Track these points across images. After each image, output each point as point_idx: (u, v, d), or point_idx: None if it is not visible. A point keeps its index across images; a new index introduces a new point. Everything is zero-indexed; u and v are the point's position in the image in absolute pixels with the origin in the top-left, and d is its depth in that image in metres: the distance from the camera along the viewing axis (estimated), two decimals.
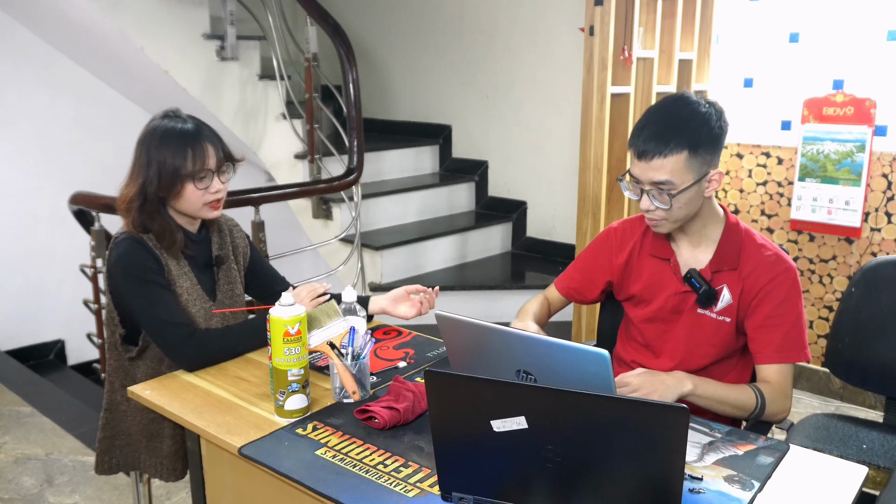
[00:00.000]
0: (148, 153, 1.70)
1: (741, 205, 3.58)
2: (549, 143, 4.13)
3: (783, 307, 1.57)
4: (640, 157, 1.51)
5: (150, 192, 1.70)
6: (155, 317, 1.67)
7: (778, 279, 1.57)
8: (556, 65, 3.99)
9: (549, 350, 1.28)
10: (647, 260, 1.72)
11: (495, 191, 4.51)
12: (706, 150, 1.51)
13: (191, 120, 1.76)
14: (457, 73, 4.48)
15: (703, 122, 1.51)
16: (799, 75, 3.28)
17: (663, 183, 1.51)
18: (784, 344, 1.57)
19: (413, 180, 4.47)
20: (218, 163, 1.74)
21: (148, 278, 1.68)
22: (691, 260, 1.66)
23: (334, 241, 3.72)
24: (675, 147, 1.48)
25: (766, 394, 1.53)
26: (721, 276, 1.62)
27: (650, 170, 1.50)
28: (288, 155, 3.95)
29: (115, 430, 1.85)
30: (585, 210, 2.92)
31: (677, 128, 1.49)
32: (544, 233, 4.34)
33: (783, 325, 1.56)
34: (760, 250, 1.61)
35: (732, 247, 1.61)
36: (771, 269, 1.58)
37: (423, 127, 4.74)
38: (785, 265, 1.59)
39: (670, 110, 1.54)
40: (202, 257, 1.83)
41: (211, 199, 1.74)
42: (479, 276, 4.08)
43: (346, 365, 1.50)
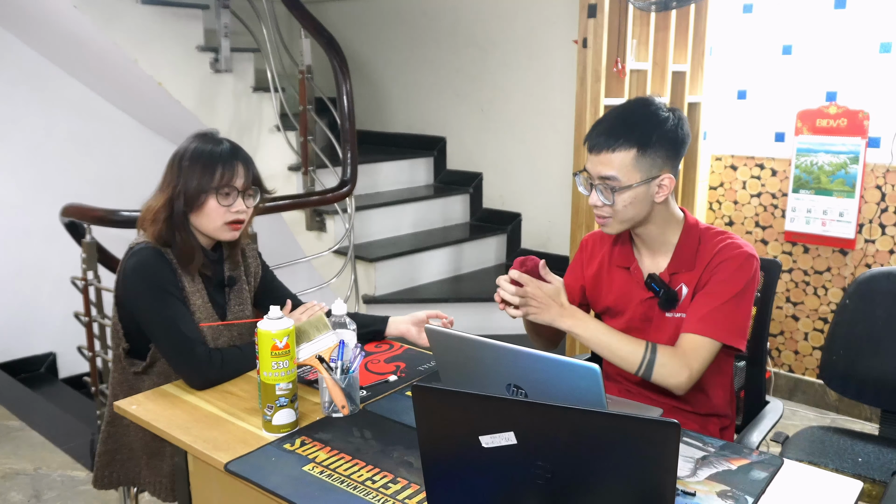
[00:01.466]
0: (179, 167, 1.71)
1: (735, 217, 3.57)
2: (543, 155, 4.12)
3: (721, 285, 1.56)
4: (591, 151, 1.56)
5: (178, 206, 1.70)
6: (176, 331, 1.64)
7: (726, 262, 1.57)
8: (550, 78, 4.00)
9: (540, 364, 1.27)
10: (615, 272, 1.73)
11: (490, 203, 4.51)
12: (657, 152, 1.53)
13: (227, 141, 1.77)
14: (451, 86, 4.48)
15: (657, 125, 1.54)
16: (792, 87, 3.28)
17: (609, 178, 1.53)
18: (708, 317, 1.54)
19: (407, 192, 4.47)
20: (245, 184, 1.74)
21: (168, 290, 1.67)
22: (652, 267, 1.67)
23: (328, 253, 3.71)
24: (623, 143, 1.51)
25: (661, 354, 1.52)
26: (679, 277, 1.63)
27: (598, 164, 1.54)
28: (282, 167, 3.95)
29: (118, 443, 1.83)
30: (579, 222, 2.91)
31: (630, 126, 1.52)
32: (539, 245, 4.33)
33: (714, 301, 1.55)
34: (717, 243, 1.60)
35: (689, 248, 1.62)
36: (721, 254, 1.58)
37: (417, 139, 4.74)
38: (737, 250, 1.58)
39: (628, 109, 1.59)
40: (216, 276, 1.82)
41: (231, 218, 1.73)
42: (473, 289, 4.07)
43: (336, 379, 1.48)
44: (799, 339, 3.47)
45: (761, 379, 1.86)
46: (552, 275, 1.64)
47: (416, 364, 1.80)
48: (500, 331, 3.84)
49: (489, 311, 3.87)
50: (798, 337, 3.47)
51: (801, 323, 3.45)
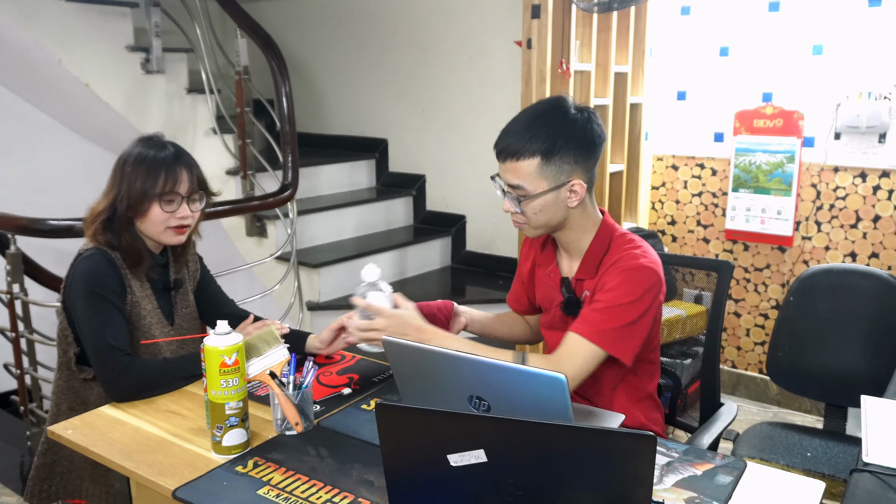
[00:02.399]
0: (122, 172, 1.70)
1: (677, 216, 3.62)
2: (486, 156, 4.05)
3: (610, 292, 1.50)
4: (498, 157, 1.53)
5: (120, 209, 1.68)
6: (100, 337, 1.61)
7: (618, 271, 1.52)
8: (492, 79, 3.98)
9: (503, 375, 1.22)
10: (540, 271, 1.73)
11: (433, 205, 4.46)
12: (564, 158, 1.49)
13: (171, 145, 1.75)
14: (392, 87, 4.42)
15: (564, 128, 1.49)
16: (730, 88, 3.34)
17: (516, 187, 1.51)
18: (588, 319, 1.49)
19: (349, 195, 4.38)
20: (189, 189, 1.73)
21: (105, 296, 1.64)
22: (568, 271, 1.66)
23: (270, 259, 3.60)
24: (526, 152, 1.48)
25: (530, 357, 1.52)
26: (584, 284, 1.61)
27: (505, 172, 1.52)
28: (219, 171, 3.81)
29: (57, 455, 1.75)
30: None
31: (535, 132, 1.48)
32: (484, 247, 4.30)
33: (599, 305, 1.50)
34: (622, 251, 1.55)
35: (596, 254, 1.59)
36: (618, 262, 1.53)
37: (358, 141, 4.66)
38: (634, 260, 1.52)
39: (536, 111, 1.55)
40: (161, 280, 1.81)
41: (175, 223, 1.72)
42: (419, 292, 4.01)
43: (288, 395, 1.41)
44: (741, 336, 3.54)
45: (715, 380, 1.86)
46: (406, 301, 1.65)
47: (370, 375, 1.74)
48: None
49: None
50: (740, 333, 3.54)
51: (742, 319, 3.52)
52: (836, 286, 2.39)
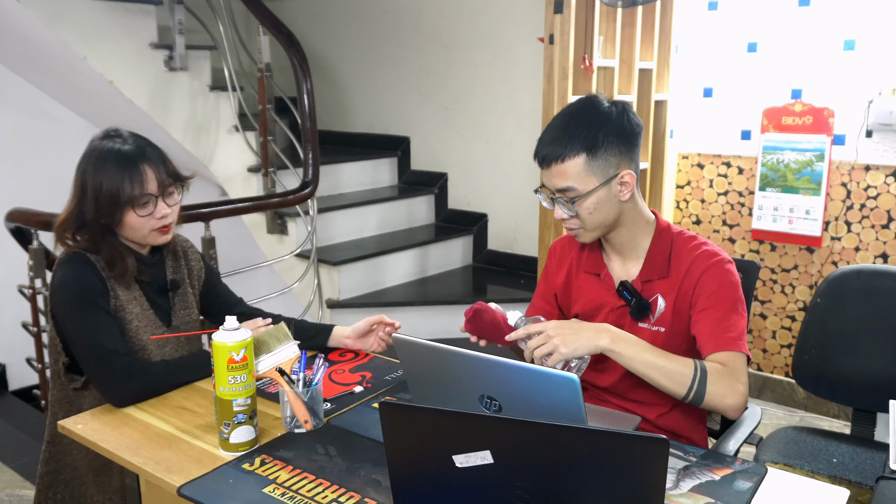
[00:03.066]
0: (84, 177, 1.60)
1: (703, 215, 3.56)
2: (508, 154, 4.07)
3: (715, 297, 1.48)
4: (542, 166, 1.50)
5: (88, 218, 1.59)
6: (95, 343, 1.54)
7: (709, 272, 1.50)
8: (515, 76, 3.94)
9: (515, 375, 1.19)
10: (583, 277, 1.66)
11: (455, 203, 4.43)
12: (609, 150, 1.47)
13: (132, 139, 1.64)
14: (415, 85, 4.40)
15: (602, 123, 1.47)
16: (757, 85, 3.27)
17: (566, 189, 1.48)
18: (720, 330, 1.46)
19: (371, 193, 4.37)
20: (161, 186, 1.62)
21: (92, 301, 1.57)
22: (623, 273, 1.60)
23: (290, 256, 3.60)
24: (570, 151, 1.45)
25: (710, 370, 1.39)
26: (653, 286, 1.55)
27: (552, 177, 1.49)
28: (241, 168, 3.82)
29: (60, 463, 1.72)
30: (547, 223, 2.85)
31: (573, 131, 1.46)
32: (506, 246, 4.27)
33: (718, 314, 1.47)
34: (691, 250, 1.54)
35: (661, 255, 1.55)
36: (702, 264, 1.51)
37: (380, 139, 4.65)
38: (716, 258, 1.52)
39: (568, 113, 1.52)
40: (157, 281, 1.72)
41: (157, 224, 1.63)
42: (440, 292, 3.99)
43: (298, 392, 1.40)
44: (767, 338, 3.46)
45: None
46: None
47: (383, 374, 1.72)
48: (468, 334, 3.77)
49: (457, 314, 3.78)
50: (766, 335, 3.46)
51: (769, 321, 3.44)
52: (867, 288, 2.31)
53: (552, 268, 1.76)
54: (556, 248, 1.77)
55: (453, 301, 3.84)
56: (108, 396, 1.55)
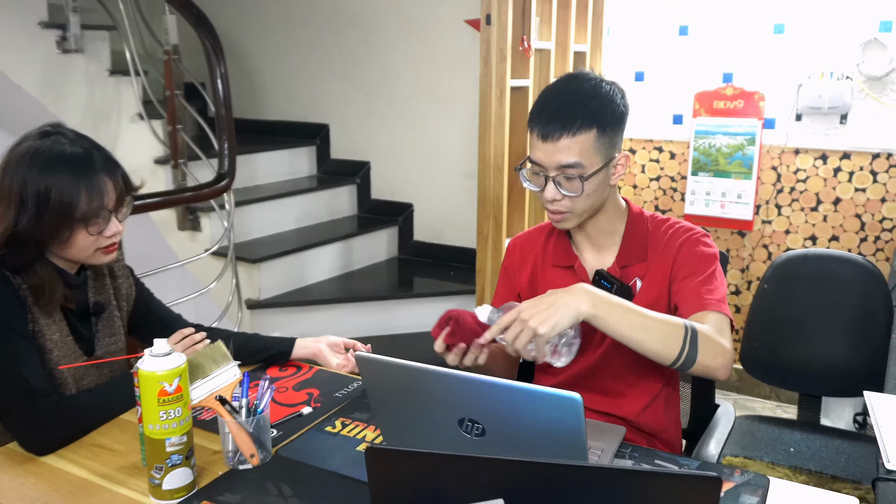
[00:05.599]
0: (22, 185, 1.31)
1: (635, 201, 3.49)
2: (435, 141, 3.90)
3: (694, 265, 1.41)
4: (546, 139, 1.35)
5: (26, 237, 1.31)
6: (15, 378, 1.27)
7: (686, 244, 1.44)
8: (441, 60, 3.77)
9: (505, 395, 1.04)
10: (552, 272, 1.54)
11: (379, 193, 4.24)
12: (612, 129, 1.38)
13: (79, 141, 1.38)
14: (334, 70, 4.17)
15: (607, 100, 1.38)
16: (689, 69, 3.23)
17: (572, 166, 1.35)
18: (706, 293, 1.38)
19: (289, 185, 4.12)
20: (118, 199, 1.37)
21: (11, 326, 1.29)
22: (597, 263, 1.50)
23: (205, 255, 3.32)
24: (582, 125, 1.34)
25: (699, 328, 1.27)
26: (631, 270, 1.47)
27: (556, 151, 1.34)
28: (147, 160, 3.50)
29: None
30: (486, 213, 2.71)
31: (581, 104, 1.35)
32: (433, 236, 4.11)
33: (699, 278, 1.40)
34: (666, 230, 1.48)
35: (638, 239, 1.48)
36: (677, 239, 1.45)
37: (297, 127, 4.39)
38: (691, 231, 1.46)
39: (571, 88, 1.41)
40: (79, 304, 1.45)
41: (105, 243, 1.38)
42: (366, 286, 3.80)
43: (241, 423, 1.20)
44: None
45: (710, 380, 1.73)
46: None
47: (331, 390, 1.53)
48: (398, 329, 3.61)
49: (385, 310, 3.63)
50: None
51: None
52: (813, 273, 2.29)
53: (513, 267, 1.62)
54: (514, 247, 1.63)
55: (381, 296, 3.67)
56: (28, 442, 1.27)
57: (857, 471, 1.97)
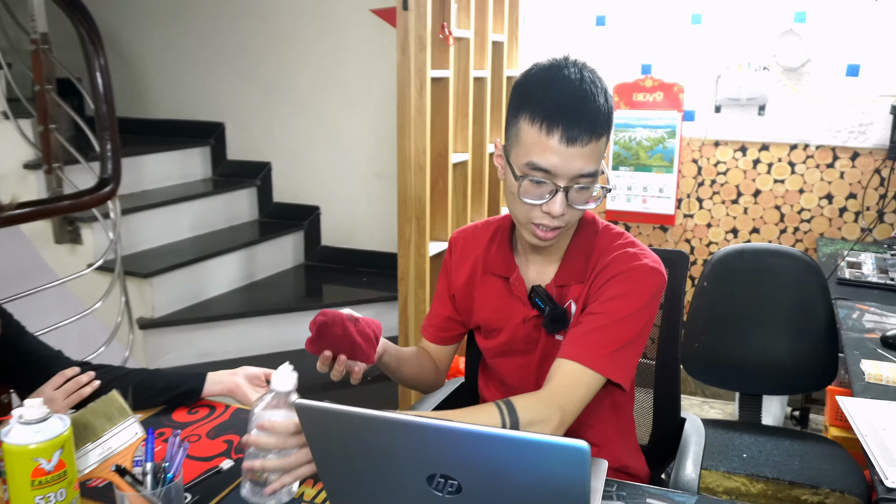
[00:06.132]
0: None
1: None
2: (342, 139, 3.66)
3: (610, 303, 1.19)
4: (573, 142, 1.11)
5: None
6: None
7: (620, 276, 1.21)
8: (345, 52, 3.53)
9: (488, 445, 0.84)
10: (489, 281, 1.35)
11: (282, 196, 3.95)
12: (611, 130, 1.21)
13: None
14: (228, 63, 3.84)
15: (608, 98, 1.17)
16: (607, 60, 3.13)
17: (591, 174, 1.15)
18: (586, 339, 1.17)
19: (182, 189, 3.76)
20: None
21: None
22: (537, 277, 1.30)
23: (88, 271, 2.94)
24: (601, 127, 1.14)
25: (521, 409, 1.09)
26: (568, 291, 1.27)
27: (581, 158, 1.12)
28: (15, 165, 3.08)
29: None
30: (408, 215, 2.51)
31: (599, 102, 1.14)
32: (342, 240, 3.87)
33: (599, 321, 1.18)
34: (613, 250, 1.25)
35: (581, 254, 1.26)
36: (615, 264, 1.22)
37: (189, 126, 4.03)
38: (636, 263, 1.22)
39: (584, 80, 1.15)
40: None
41: None
42: (272, 298, 3.51)
43: (147, 496, 0.94)
44: None
45: (676, 391, 1.59)
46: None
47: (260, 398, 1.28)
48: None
49: (293, 322, 3.35)
50: None
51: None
52: (751, 268, 2.22)
53: (453, 263, 1.42)
54: (457, 241, 1.42)
55: (289, 308, 3.39)
56: None
57: (814, 474, 1.89)
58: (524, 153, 1.14)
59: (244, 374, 1.40)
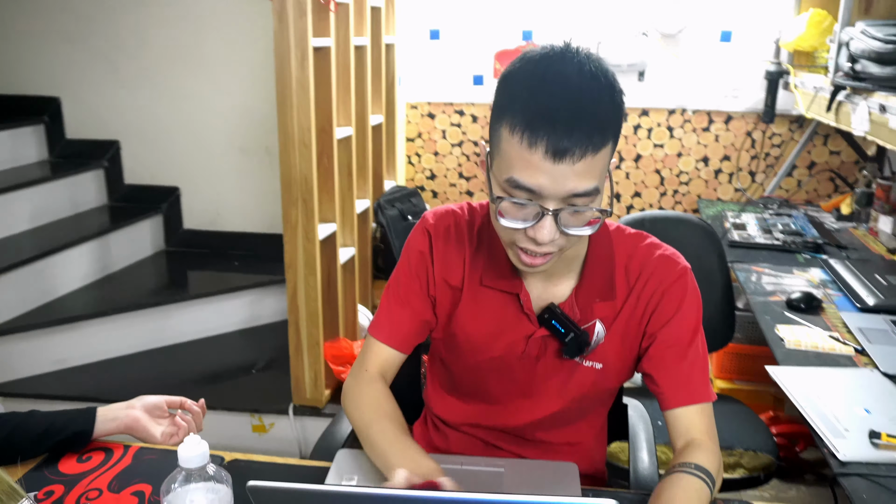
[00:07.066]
0: None
1: (437, 169, 3.28)
2: (201, 114, 3.33)
3: (681, 326, 1.08)
4: (561, 157, 0.89)
5: None
6: None
7: (674, 288, 1.08)
8: (202, 19, 3.19)
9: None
10: (483, 294, 1.14)
11: (134, 178, 3.57)
12: (619, 132, 0.98)
13: None
14: (63, 31, 3.36)
15: (619, 93, 0.95)
16: (487, 26, 3.03)
17: (588, 193, 0.93)
18: (692, 381, 1.07)
19: (14, 174, 3.29)
20: None
21: None
22: (546, 294, 1.11)
23: None
24: (607, 136, 0.92)
25: (709, 466, 0.99)
26: (591, 311, 1.10)
27: (574, 176, 0.91)
28: None
29: None
30: (293, 197, 2.30)
31: (601, 104, 0.92)
32: (207, 223, 3.57)
33: (681, 351, 1.08)
34: (643, 257, 1.10)
35: (603, 267, 1.09)
36: (663, 277, 1.08)
37: (16, 101, 3.52)
38: (679, 266, 1.10)
39: (582, 76, 0.91)
40: None
41: None
42: (132, 292, 3.16)
43: None
44: None
45: None
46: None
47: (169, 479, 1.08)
48: (182, 338, 3.06)
49: (159, 318, 3.05)
50: None
51: None
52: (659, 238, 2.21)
53: (436, 259, 1.14)
54: (438, 232, 1.15)
55: (152, 302, 3.06)
56: None
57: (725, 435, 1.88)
58: (505, 167, 0.94)
59: (141, 405, 1.19)
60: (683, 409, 1.06)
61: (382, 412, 1.07)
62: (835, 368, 1.53)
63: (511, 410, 1.19)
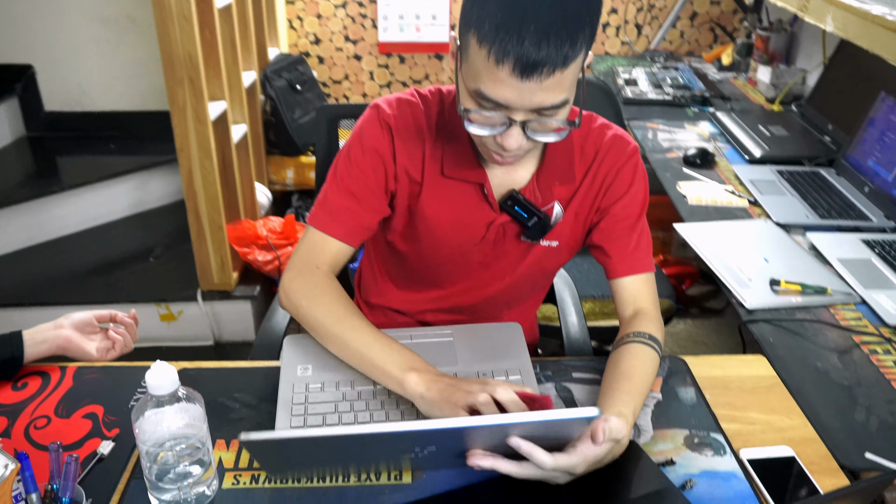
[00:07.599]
0: None
1: (321, 33, 3.11)
2: None
3: (631, 203, 1.14)
4: (529, 74, 0.86)
5: None
6: None
7: (626, 168, 1.12)
8: None
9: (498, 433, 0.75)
10: (445, 185, 1.12)
11: None
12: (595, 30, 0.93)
13: None
14: None
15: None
16: None
17: (557, 106, 0.92)
18: (637, 251, 1.14)
19: None
20: None
21: None
22: (507, 180, 1.11)
23: None
24: (576, 48, 0.87)
25: (657, 334, 1.07)
26: (551, 193, 1.12)
27: (540, 91, 0.89)
28: None
29: None
30: (178, 77, 2.13)
31: (571, 11, 0.86)
32: (71, 103, 3.27)
33: (629, 223, 1.14)
34: (596, 136, 1.12)
35: (564, 151, 1.11)
36: (616, 156, 1.12)
37: None
38: (631, 146, 1.13)
39: None
40: None
41: None
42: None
43: None
44: None
45: None
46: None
47: (121, 398, 1.05)
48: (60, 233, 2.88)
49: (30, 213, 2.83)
50: None
51: None
52: None
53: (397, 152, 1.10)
54: (396, 123, 1.10)
55: (18, 198, 2.79)
56: None
57: None
58: (472, 77, 0.91)
59: (70, 323, 1.13)
60: (631, 278, 1.14)
61: (352, 310, 1.07)
62: (733, 221, 1.65)
63: (463, 291, 1.23)
